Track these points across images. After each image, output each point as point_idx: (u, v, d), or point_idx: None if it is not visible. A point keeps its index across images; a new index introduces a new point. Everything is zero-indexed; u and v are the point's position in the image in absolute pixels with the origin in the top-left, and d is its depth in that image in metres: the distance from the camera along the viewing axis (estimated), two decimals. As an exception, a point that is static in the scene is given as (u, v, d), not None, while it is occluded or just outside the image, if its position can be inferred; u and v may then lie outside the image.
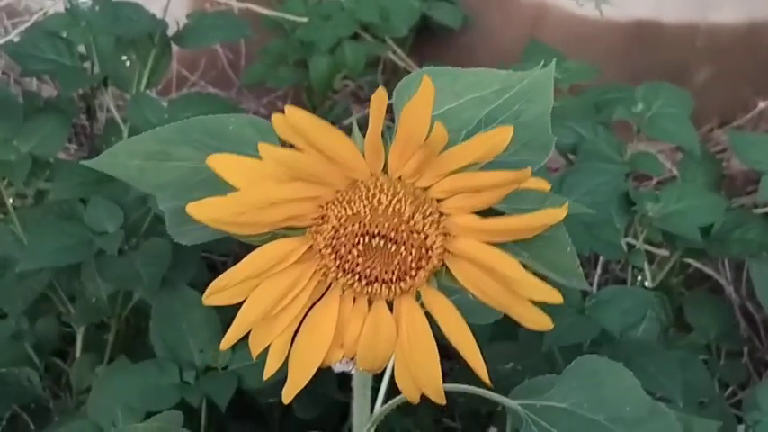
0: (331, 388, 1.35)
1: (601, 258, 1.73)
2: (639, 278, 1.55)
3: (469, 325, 0.61)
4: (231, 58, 2.23)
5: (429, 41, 2.23)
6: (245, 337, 0.61)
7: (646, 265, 1.52)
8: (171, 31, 1.51)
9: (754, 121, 2.26)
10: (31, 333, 1.42)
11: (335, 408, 1.39)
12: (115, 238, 1.30)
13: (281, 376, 0.61)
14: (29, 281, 1.36)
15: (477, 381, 0.62)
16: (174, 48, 1.53)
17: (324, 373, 1.36)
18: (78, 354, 1.45)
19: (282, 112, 0.53)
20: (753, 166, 1.46)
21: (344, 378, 0.80)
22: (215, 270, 1.70)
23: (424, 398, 0.61)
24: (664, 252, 1.62)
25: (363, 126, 0.56)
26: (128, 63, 1.49)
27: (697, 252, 1.52)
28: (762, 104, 2.24)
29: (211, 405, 1.23)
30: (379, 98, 0.52)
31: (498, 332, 1.29)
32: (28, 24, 1.42)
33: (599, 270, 1.81)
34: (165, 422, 0.98)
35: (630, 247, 1.53)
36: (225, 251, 1.64)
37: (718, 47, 2.20)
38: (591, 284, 1.82)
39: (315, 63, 2.00)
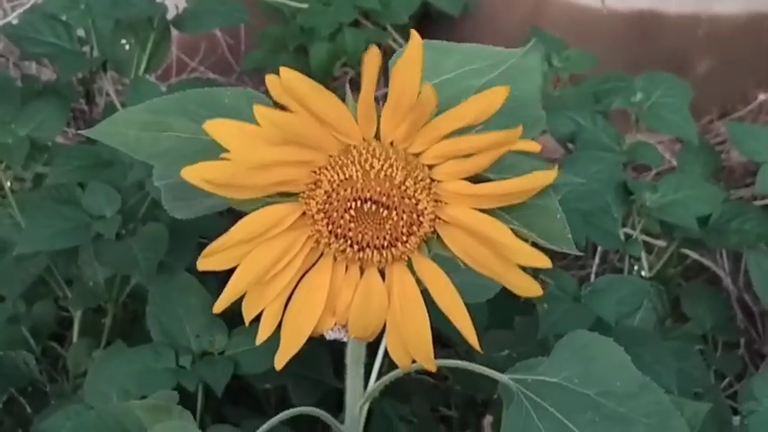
0: (328, 375, 1.34)
1: (599, 248, 1.73)
2: (636, 268, 1.55)
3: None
4: (231, 44, 2.23)
5: (430, 29, 2.22)
6: (242, 321, 0.61)
7: (643, 255, 1.52)
8: (171, 15, 1.51)
9: (754, 113, 2.26)
10: (27, 317, 1.42)
11: (332, 395, 1.38)
12: (112, 223, 1.30)
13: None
14: (26, 264, 1.36)
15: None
16: (174, 33, 1.53)
17: (320, 359, 1.36)
18: (75, 337, 1.45)
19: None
20: (751, 157, 1.45)
21: (341, 365, 0.80)
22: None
23: (419, 387, 0.62)
24: (661, 243, 1.62)
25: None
26: (127, 47, 1.49)
27: (694, 242, 1.52)
28: (762, 96, 2.24)
29: (207, 390, 1.23)
30: (372, 59, 0.52)
31: (494, 320, 1.29)
32: (27, 7, 1.41)
33: (597, 260, 1.81)
34: (162, 401, 0.98)
35: (628, 237, 1.53)
36: (223, 235, 1.63)
37: (719, 37, 2.20)
38: (588, 274, 1.83)
39: (315, 49, 1.99)
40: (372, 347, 0.77)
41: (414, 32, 0.53)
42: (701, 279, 1.84)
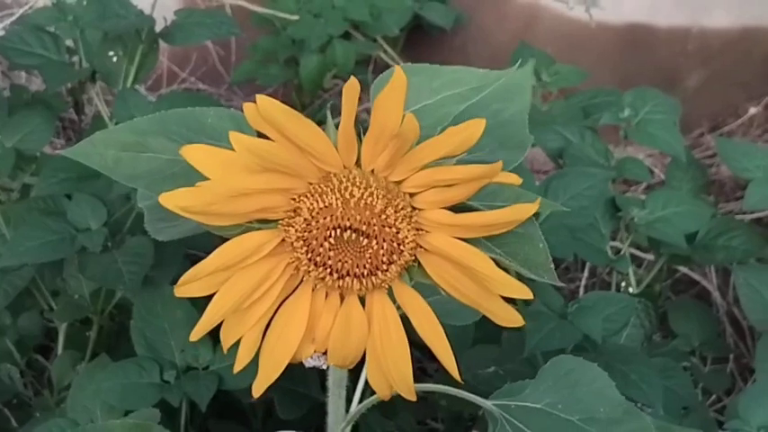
0: (314, 389, 1.34)
1: (588, 262, 1.73)
2: (624, 284, 1.54)
3: (452, 328, 0.61)
4: (222, 55, 2.23)
5: (421, 41, 2.22)
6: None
7: (631, 271, 1.52)
8: (159, 27, 1.50)
9: (744, 127, 2.26)
10: (13, 329, 1.42)
11: (318, 408, 1.38)
12: (98, 236, 1.29)
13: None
14: (11, 276, 1.35)
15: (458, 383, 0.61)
16: (165, 43, 1.52)
17: (306, 373, 1.35)
18: (60, 350, 1.44)
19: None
20: (740, 173, 1.45)
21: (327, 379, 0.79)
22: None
23: (405, 401, 0.61)
24: (650, 256, 1.62)
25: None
26: (115, 59, 1.48)
27: (682, 258, 1.51)
28: (753, 110, 2.24)
29: (193, 405, 1.23)
30: (351, 89, 0.52)
31: (481, 336, 1.28)
32: (14, 18, 1.40)
33: (586, 273, 1.81)
34: (143, 419, 0.97)
35: (618, 251, 1.52)
36: (210, 249, 1.62)
37: (709, 51, 2.21)
38: (578, 287, 1.82)
39: (305, 61, 2.00)
40: (355, 369, 0.76)
41: (398, 69, 0.52)
42: (690, 292, 1.84)
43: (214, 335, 1.22)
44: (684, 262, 1.60)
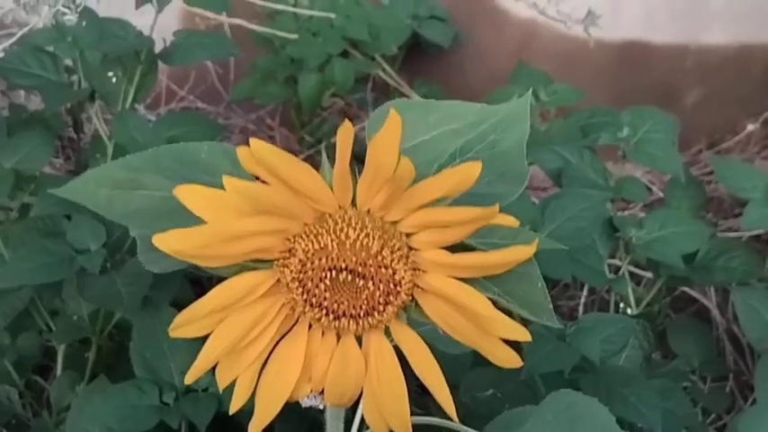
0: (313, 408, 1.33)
1: (587, 282, 1.73)
2: (622, 305, 1.54)
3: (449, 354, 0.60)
4: (221, 73, 2.23)
5: (419, 59, 2.23)
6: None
7: (630, 291, 1.52)
8: (159, 47, 1.50)
9: (742, 144, 2.26)
10: (11, 349, 1.41)
11: (318, 429, 1.38)
12: (97, 257, 1.28)
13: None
14: (10, 297, 1.35)
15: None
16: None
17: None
18: (59, 371, 1.43)
19: (271, 128, 0.52)
20: (737, 193, 1.46)
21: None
22: (200, 285, 1.69)
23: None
24: (649, 274, 1.62)
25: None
26: (114, 79, 1.48)
27: (681, 279, 1.51)
28: (750, 126, 2.24)
29: (192, 426, 1.23)
30: (346, 132, 0.52)
31: (479, 358, 1.28)
32: (13, 40, 1.41)
33: (585, 292, 1.81)
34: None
35: (617, 268, 1.52)
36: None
37: (707, 68, 2.21)
38: (577, 306, 1.82)
39: (304, 80, 2.00)
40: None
41: (393, 111, 0.52)
42: (689, 310, 1.84)
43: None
44: (683, 283, 1.60)
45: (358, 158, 0.56)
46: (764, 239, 1.79)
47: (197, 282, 1.66)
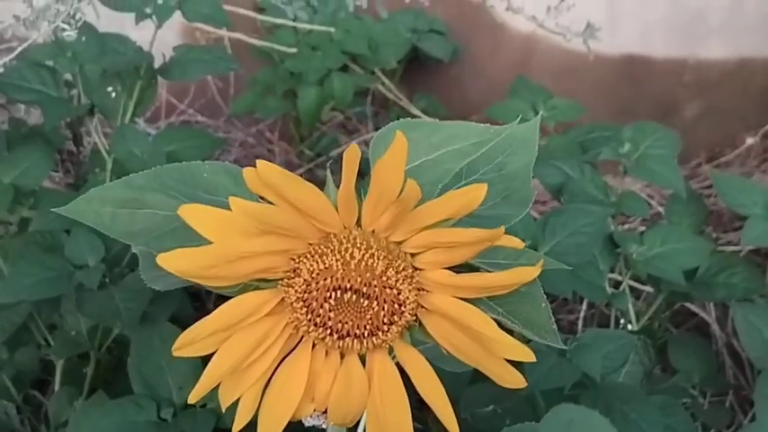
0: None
1: (586, 296, 1.73)
2: (623, 321, 1.54)
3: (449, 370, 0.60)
4: (220, 87, 2.24)
5: (419, 72, 2.23)
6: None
7: (630, 307, 1.52)
8: (158, 62, 1.50)
9: (742, 157, 2.27)
10: (9, 364, 1.41)
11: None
12: (95, 272, 1.28)
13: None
14: (8, 312, 1.34)
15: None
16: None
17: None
18: (57, 386, 1.43)
19: (270, 142, 0.52)
20: (736, 209, 1.45)
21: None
22: (199, 299, 1.68)
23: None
24: (650, 288, 1.62)
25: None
26: (113, 94, 1.48)
27: (682, 295, 1.51)
28: (750, 140, 2.25)
29: (191, 441, 1.22)
30: (352, 154, 0.52)
31: (479, 374, 1.27)
32: (13, 55, 1.41)
33: (584, 306, 1.81)
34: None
35: (617, 283, 1.52)
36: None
37: (706, 82, 2.21)
38: (576, 320, 1.82)
39: (303, 94, 2.00)
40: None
41: (399, 134, 0.52)
42: (689, 324, 1.83)
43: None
44: (684, 298, 1.59)
45: (360, 174, 0.56)
46: (764, 253, 1.79)
47: (196, 296, 1.65)
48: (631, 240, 1.43)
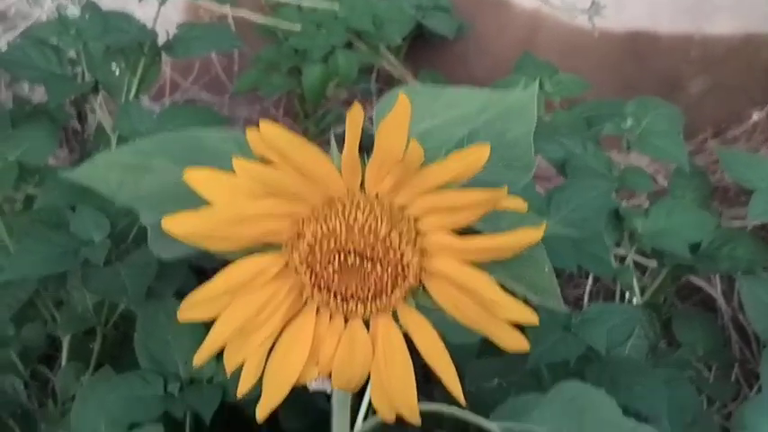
0: (319, 398, 1.33)
1: (592, 271, 1.73)
2: (628, 295, 1.54)
3: (455, 343, 0.60)
4: (225, 64, 2.23)
5: (423, 49, 2.23)
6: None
7: (635, 281, 1.52)
8: (162, 39, 1.50)
9: (748, 133, 2.26)
10: (16, 340, 1.41)
11: (324, 418, 1.37)
12: (101, 248, 1.28)
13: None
14: (14, 288, 1.35)
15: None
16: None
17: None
18: (64, 362, 1.44)
19: (275, 119, 0.52)
20: (742, 184, 1.45)
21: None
22: (205, 276, 1.68)
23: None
24: (654, 263, 1.61)
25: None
26: (117, 71, 1.48)
27: (687, 268, 1.51)
28: (756, 116, 2.24)
29: (197, 416, 1.23)
30: (355, 115, 0.52)
31: (485, 348, 1.28)
32: (17, 33, 1.41)
33: (590, 280, 1.81)
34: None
35: (622, 258, 1.52)
36: (214, 260, 1.62)
37: (712, 58, 2.21)
38: (582, 295, 1.82)
39: (308, 71, 2.00)
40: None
41: (402, 96, 0.52)
42: (695, 298, 1.84)
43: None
44: (689, 271, 1.59)
45: (364, 149, 0.56)
46: (771, 227, 1.79)
47: (201, 272, 1.66)
48: (636, 215, 1.43)
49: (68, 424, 1.23)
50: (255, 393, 0.62)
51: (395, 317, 0.59)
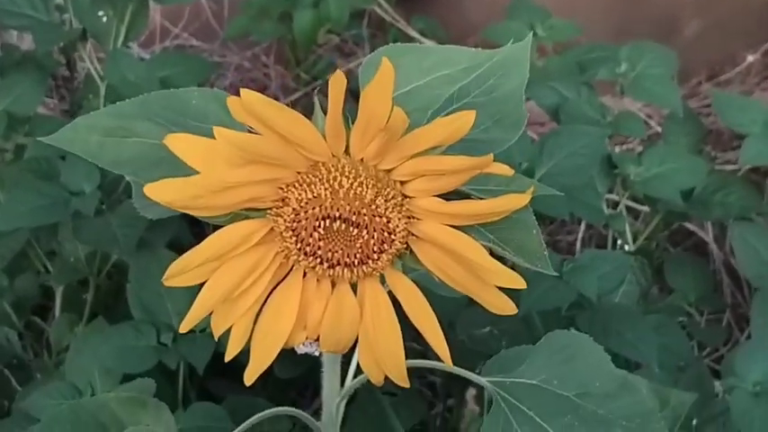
0: (313, 345, 1.34)
1: (584, 217, 1.73)
2: (620, 242, 1.54)
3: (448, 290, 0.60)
4: (215, 10, 2.21)
5: (415, -1, 2.20)
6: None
7: (627, 228, 1.52)
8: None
9: (742, 75, 2.25)
10: (10, 291, 1.41)
11: (317, 367, 1.38)
12: (91, 199, 1.28)
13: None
14: (6, 239, 1.34)
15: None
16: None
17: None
18: (58, 312, 1.44)
19: (266, 66, 0.51)
20: (736, 128, 1.45)
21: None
22: (198, 225, 1.68)
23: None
24: (647, 208, 1.62)
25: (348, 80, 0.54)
26: (104, 19, 1.46)
27: (679, 214, 1.51)
28: (750, 58, 2.23)
29: (191, 366, 1.23)
30: (338, 81, 0.51)
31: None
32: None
33: (583, 227, 1.81)
34: (137, 390, 0.98)
35: (614, 204, 1.52)
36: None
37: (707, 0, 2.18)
38: (575, 241, 1.83)
39: (299, 16, 1.98)
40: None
41: (386, 60, 0.51)
42: (687, 243, 1.84)
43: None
44: (681, 218, 1.59)
45: (354, 96, 0.55)
46: (763, 171, 1.78)
47: (195, 222, 1.65)
48: (629, 161, 1.43)
49: (63, 375, 1.23)
50: (247, 345, 0.62)
51: (382, 280, 0.59)
